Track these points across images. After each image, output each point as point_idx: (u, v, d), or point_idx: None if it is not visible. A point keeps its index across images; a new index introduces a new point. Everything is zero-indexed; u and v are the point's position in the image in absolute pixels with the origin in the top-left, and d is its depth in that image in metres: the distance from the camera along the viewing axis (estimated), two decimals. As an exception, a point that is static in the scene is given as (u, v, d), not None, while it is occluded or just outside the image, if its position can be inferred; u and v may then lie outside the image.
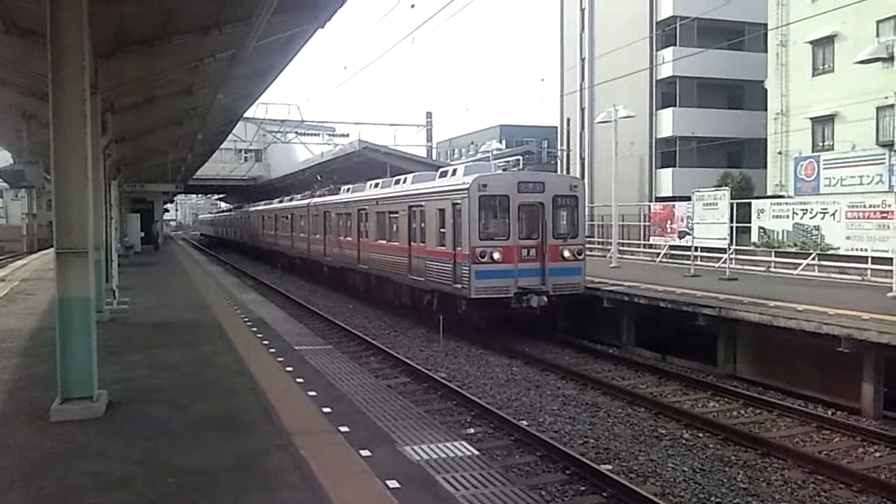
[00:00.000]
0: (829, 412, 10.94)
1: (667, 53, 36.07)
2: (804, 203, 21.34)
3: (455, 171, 17.86)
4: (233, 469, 5.64)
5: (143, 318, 13.92)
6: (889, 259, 15.89)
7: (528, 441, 9.28)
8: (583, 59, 42.06)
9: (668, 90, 36.87)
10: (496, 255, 15.47)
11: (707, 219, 19.32)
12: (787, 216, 21.12)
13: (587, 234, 23.43)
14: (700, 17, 32.59)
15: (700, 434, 9.88)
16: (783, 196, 26.65)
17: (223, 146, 41.82)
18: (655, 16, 36.85)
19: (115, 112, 15.94)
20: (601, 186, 36.20)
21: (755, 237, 22.23)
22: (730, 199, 19.04)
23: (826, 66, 27.80)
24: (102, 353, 7.73)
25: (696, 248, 20.98)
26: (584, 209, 17.13)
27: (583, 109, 41.93)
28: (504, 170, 17.83)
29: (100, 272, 13.01)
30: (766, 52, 30.61)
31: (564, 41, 44.40)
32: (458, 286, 15.86)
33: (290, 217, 34.33)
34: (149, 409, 7.39)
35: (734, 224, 20.78)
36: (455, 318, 16.23)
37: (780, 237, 21.23)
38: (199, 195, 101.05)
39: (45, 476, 5.54)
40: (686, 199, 23.37)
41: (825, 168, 26.10)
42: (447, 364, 14.20)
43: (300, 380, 8.66)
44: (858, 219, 18.66)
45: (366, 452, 5.98)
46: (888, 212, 17.53)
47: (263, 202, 45.82)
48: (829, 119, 27.51)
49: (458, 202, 16.02)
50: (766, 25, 30.16)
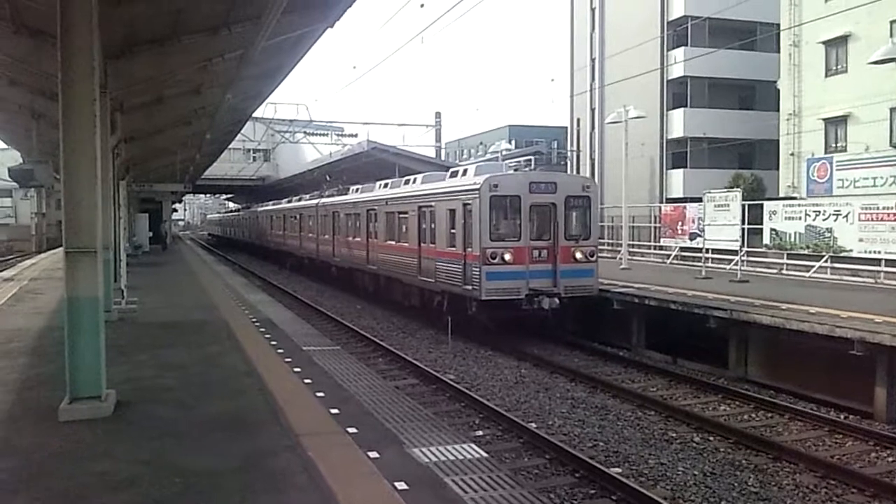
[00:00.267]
0: (842, 416, 10.83)
1: (678, 53, 35.89)
2: (817, 205, 21.20)
3: (466, 172, 17.77)
4: (240, 470, 5.62)
5: (152, 318, 13.94)
6: (902, 261, 15.76)
7: (538, 444, 9.22)
8: (593, 60, 41.92)
9: (679, 90, 36.68)
10: (507, 257, 15.32)
11: (718, 220, 19.21)
12: (800, 218, 21.00)
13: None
14: (711, 17, 32.40)
15: (711, 437, 9.79)
16: (795, 197, 26.46)
17: (232, 146, 41.93)
18: (666, 16, 36.68)
19: (125, 112, 15.98)
20: (611, 187, 36.03)
21: (767, 239, 22.11)
22: (741, 201, 18.93)
23: (839, 67, 27.59)
24: (111, 353, 7.73)
25: (707, 250, 20.87)
26: (597, 210, 16.96)
27: (593, 110, 41.79)
28: (515, 170, 17.70)
29: (108, 272, 13.05)
30: (779, 53, 30.40)
31: (575, 41, 44.27)
32: (469, 287, 15.73)
33: (299, 217, 34.34)
34: (156, 409, 7.39)
35: (746, 226, 20.68)
36: (465, 320, 16.12)
37: (793, 239, 21.11)
38: (208, 195, 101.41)
39: (53, 476, 5.53)
40: (697, 201, 23.27)
41: (838, 169, 25.83)
42: (456, 366, 14.15)
43: (308, 380, 8.63)
44: (872, 221, 18.53)
45: (374, 454, 5.94)
46: (902, 214, 17.40)
47: (272, 202, 45.91)
48: (842, 120, 27.30)
49: (469, 202, 15.89)
50: (779, 25, 29.96)
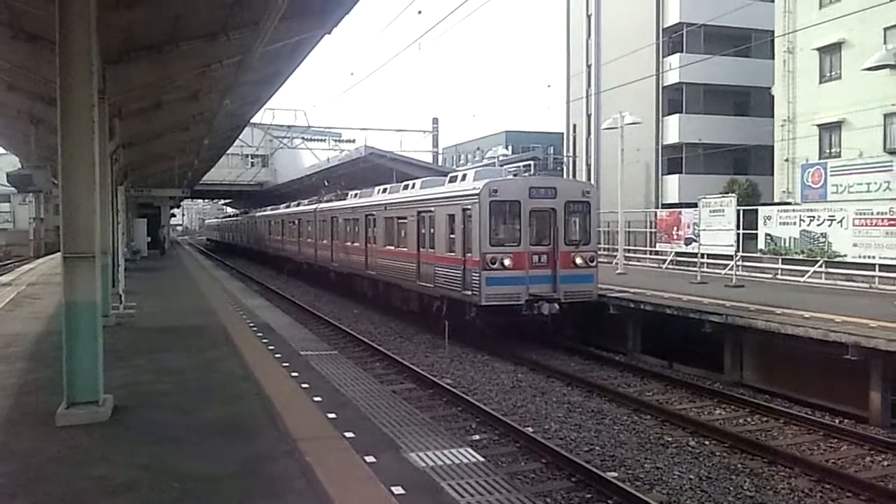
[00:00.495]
0: (837, 420, 10.87)
1: (673, 60, 36.05)
2: (811, 210, 21.27)
3: (465, 177, 17.77)
4: (238, 475, 5.64)
5: (149, 323, 13.95)
6: (897, 266, 15.83)
7: (534, 448, 9.24)
8: (589, 66, 42.05)
9: (675, 97, 36.82)
10: (507, 262, 15.27)
11: (713, 225, 19.27)
12: (794, 223, 21.07)
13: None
14: (707, 24, 32.52)
15: (706, 442, 9.83)
16: (790, 203, 26.56)
17: (230, 151, 41.96)
18: (662, 22, 36.83)
19: (123, 117, 16.01)
20: (607, 192, 36.07)
21: (762, 244, 22.17)
22: (736, 206, 19.00)
23: (833, 73, 27.73)
24: (108, 358, 7.74)
25: (703, 255, 20.93)
26: (597, 215, 16.94)
27: (589, 116, 41.91)
28: (515, 175, 17.67)
29: (106, 277, 13.05)
30: (773, 59, 30.54)
31: (571, 47, 44.42)
32: (468, 293, 15.67)
33: (297, 222, 34.32)
34: (154, 414, 7.40)
35: (741, 231, 20.75)
36: (464, 325, 16.08)
37: (787, 244, 21.17)
38: (206, 200, 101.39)
39: (51, 480, 5.55)
40: (692, 206, 23.33)
41: (832, 175, 25.99)
42: (453, 370, 14.17)
43: (305, 385, 8.66)
44: (866, 226, 18.61)
45: (371, 458, 5.97)
46: (895, 219, 17.48)
47: (270, 207, 45.90)
48: (837, 126, 27.41)
49: (469, 207, 15.84)
50: (773, 32, 30.10)
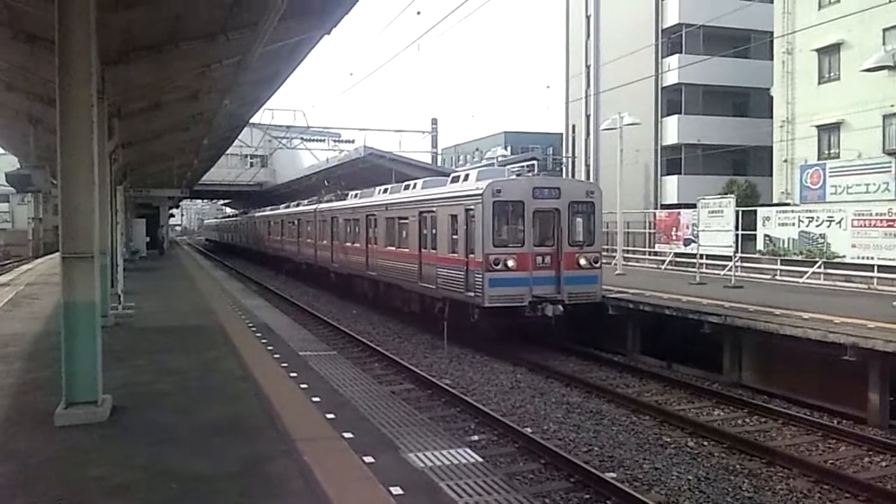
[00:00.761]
0: (835, 421, 10.88)
1: (672, 61, 36.10)
2: (810, 211, 21.31)
3: (467, 177, 17.62)
4: (236, 475, 5.64)
5: (148, 323, 13.94)
6: (895, 267, 15.84)
7: (533, 448, 9.25)
8: (588, 67, 42.10)
9: (674, 97, 36.88)
10: (510, 263, 15.10)
11: (712, 226, 19.29)
12: (793, 224, 21.11)
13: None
14: (706, 25, 32.58)
15: (705, 442, 9.84)
16: (789, 204, 26.60)
17: (229, 151, 41.92)
18: (661, 23, 36.89)
19: (122, 117, 16.01)
20: (606, 193, 35.76)
21: (761, 245, 22.20)
22: (735, 207, 19.02)
23: (832, 74, 27.77)
24: (107, 358, 7.74)
25: (702, 256, 20.94)
26: (601, 216, 16.84)
27: (588, 116, 41.96)
28: (518, 175, 17.52)
29: (105, 277, 13.04)
30: (772, 60, 30.58)
31: (570, 48, 44.47)
32: (471, 294, 15.51)
33: (297, 223, 34.23)
34: (153, 415, 7.40)
35: (739, 232, 20.77)
36: (467, 327, 15.95)
37: (786, 245, 21.21)
38: (205, 200, 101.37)
39: (49, 481, 5.54)
40: (691, 207, 23.36)
41: (831, 176, 26.06)
42: (451, 370, 14.17)
43: (304, 385, 8.66)
44: (864, 227, 18.64)
45: (369, 459, 5.97)
46: (894, 220, 17.51)
47: (269, 208, 45.88)
48: (835, 127, 27.46)
49: (472, 208, 15.66)
50: (772, 33, 30.14)
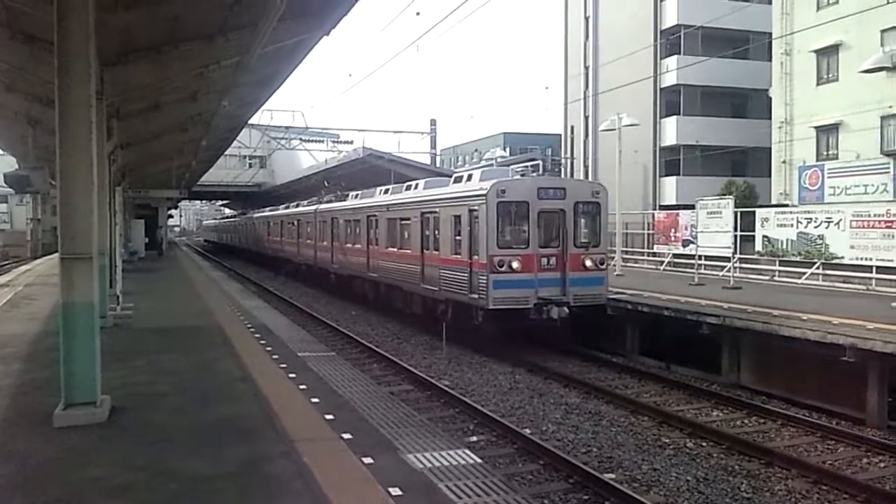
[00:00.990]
0: (834, 422, 10.88)
1: (671, 62, 36.13)
2: (808, 212, 21.34)
3: (471, 177, 17.37)
4: (235, 476, 5.64)
5: (147, 324, 13.93)
6: (893, 268, 15.86)
7: (532, 449, 9.25)
8: (587, 68, 42.13)
9: (672, 98, 36.92)
10: (515, 265, 14.82)
11: (711, 227, 19.31)
12: (792, 225, 21.13)
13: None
14: (704, 26, 32.62)
15: (704, 443, 9.84)
16: (787, 205, 26.64)
17: (228, 152, 41.97)
18: (660, 24, 36.93)
19: (121, 118, 16.03)
20: (605, 194, 36.15)
21: (759, 246, 22.23)
22: (734, 208, 19.04)
23: (830, 76, 27.82)
24: (106, 359, 7.73)
25: (700, 257, 20.96)
26: (607, 216, 16.44)
27: (587, 117, 41.99)
28: (522, 175, 17.25)
29: (104, 278, 13.05)
30: (771, 61, 30.63)
31: (569, 49, 44.50)
32: (475, 296, 15.25)
33: (297, 223, 34.11)
34: (152, 415, 7.40)
35: (738, 233, 20.79)
36: (471, 330, 15.75)
37: (785, 246, 21.23)
38: (204, 201, 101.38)
39: (48, 482, 5.54)
40: (690, 208, 23.39)
41: (829, 177, 26.11)
42: (450, 371, 14.17)
43: (303, 386, 8.65)
44: (863, 228, 18.66)
45: (368, 460, 5.97)
46: (893, 221, 17.53)
47: (268, 208, 45.81)
48: (834, 128, 27.51)
49: (476, 208, 15.41)
50: (771, 34, 30.20)
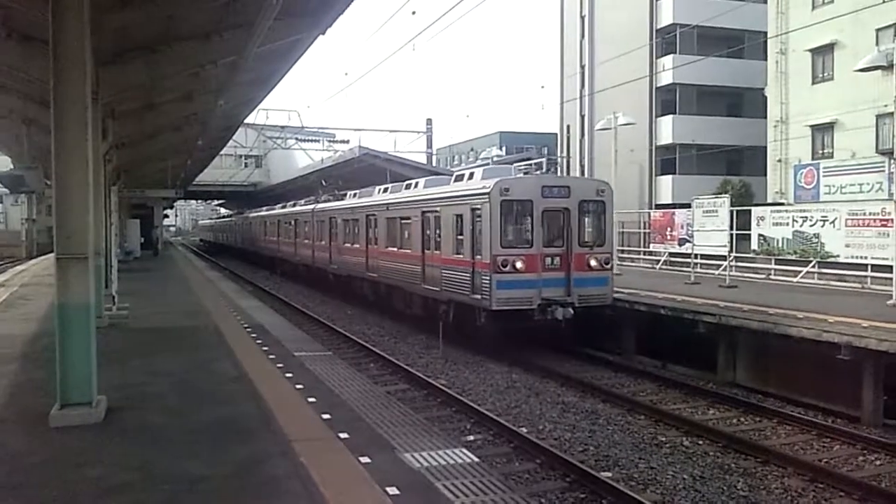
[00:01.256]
0: (829, 420, 10.92)
1: (667, 61, 36.18)
2: (804, 211, 21.38)
3: (472, 175, 17.08)
4: (232, 476, 5.63)
5: (143, 324, 13.92)
6: (889, 267, 15.88)
7: (528, 448, 9.25)
8: (583, 67, 42.16)
9: (668, 97, 36.97)
10: (519, 264, 14.51)
11: (707, 226, 19.33)
12: (787, 224, 21.17)
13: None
14: (700, 25, 32.67)
15: (700, 442, 9.86)
16: (783, 203, 26.69)
17: (223, 152, 41.92)
18: (655, 23, 36.98)
19: (116, 118, 15.98)
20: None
21: (755, 245, 22.27)
22: (729, 207, 19.06)
23: (826, 75, 27.88)
24: (101, 359, 7.71)
25: (696, 256, 20.99)
26: (612, 215, 16.20)
27: (583, 116, 42.02)
28: (526, 173, 17.00)
29: (99, 278, 13.02)
30: (766, 60, 30.69)
31: (564, 48, 44.53)
32: (478, 297, 14.97)
33: (294, 223, 33.87)
34: (148, 416, 7.39)
35: (734, 231, 20.81)
36: (473, 331, 15.53)
37: (780, 245, 21.27)
38: (199, 201, 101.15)
39: (44, 482, 5.53)
40: (686, 207, 23.42)
41: (825, 176, 26.12)
42: (447, 371, 14.17)
43: (300, 386, 8.65)
44: (858, 227, 18.71)
45: (365, 459, 5.97)
46: (888, 220, 17.55)
47: (265, 208, 45.62)
48: (829, 127, 27.57)
49: (478, 207, 15.12)
50: (766, 33, 30.24)
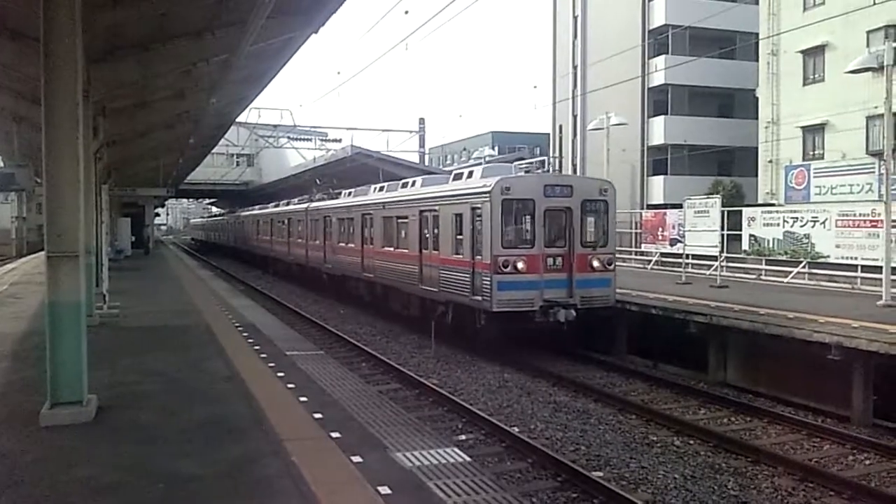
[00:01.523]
0: (819, 420, 10.97)
1: (659, 61, 36.27)
2: (794, 211, 21.49)
3: (471, 174, 16.77)
4: (224, 475, 5.62)
5: (134, 323, 13.86)
6: (878, 267, 15.98)
7: (520, 448, 9.26)
8: (575, 67, 42.22)
9: (660, 98, 37.07)
10: (520, 265, 14.20)
11: (698, 226, 19.39)
12: (778, 224, 21.28)
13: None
14: (692, 26, 32.78)
15: (691, 441, 9.89)
16: (774, 204, 26.81)
17: (215, 150, 41.77)
18: (648, 24, 37.07)
19: (107, 116, 15.93)
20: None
21: (746, 245, 22.37)
22: (721, 207, 19.13)
23: (816, 76, 28.02)
24: (92, 358, 7.68)
25: (688, 256, 21.06)
26: (615, 215, 15.96)
27: (575, 117, 42.08)
28: (527, 172, 16.63)
29: (90, 276, 12.97)
30: (758, 61, 30.82)
31: (557, 49, 44.59)
32: (478, 298, 14.63)
33: (287, 222, 33.55)
34: (139, 415, 7.36)
35: (725, 232, 20.88)
36: (473, 332, 15.27)
37: (771, 245, 21.38)
38: (191, 199, 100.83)
39: (34, 481, 5.50)
40: (677, 207, 23.48)
41: (815, 177, 26.27)
42: (439, 370, 14.17)
43: (291, 385, 8.64)
44: (848, 227, 18.81)
45: (357, 458, 5.97)
46: (878, 221, 17.66)
47: (258, 206, 45.44)
48: (820, 128, 27.71)
49: (479, 206, 14.79)
50: (758, 35, 30.37)
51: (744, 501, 7.88)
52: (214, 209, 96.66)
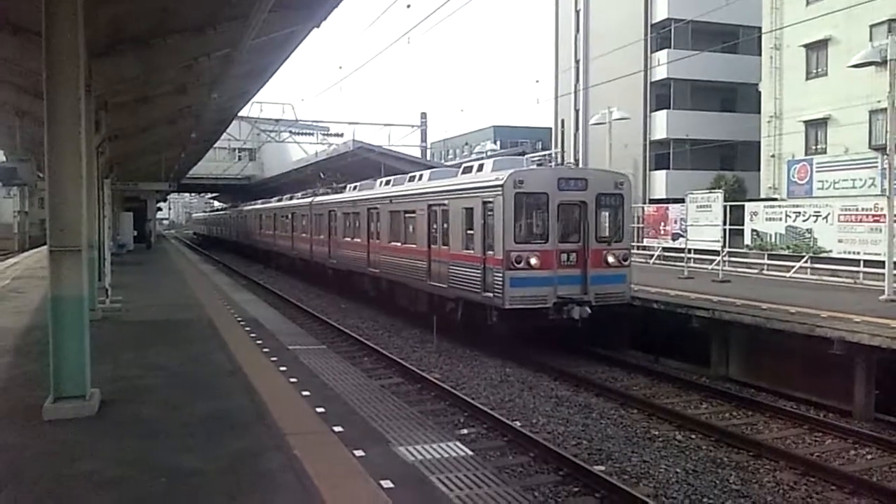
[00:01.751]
0: (821, 414, 10.98)
1: (661, 56, 36.16)
2: (797, 206, 21.45)
3: (482, 167, 16.48)
4: (226, 469, 5.64)
5: (136, 317, 13.89)
6: (881, 262, 15.96)
7: (522, 442, 9.28)
8: (577, 61, 42.12)
9: (663, 92, 36.97)
10: (533, 261, 13.86)
11: (700, 221, 19.39)
12: (780, 219, 21.24)
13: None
14: (694, 20, 32.66)
15: (693, 435, 9.90)
16: (776, 199, 26.76)
17: (217, 145, 41.85)
18: (650, 18, 36.94)
19: (109, 110, 15.93)
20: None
21: (748, 239, 22.33)
22: (723, 202, 19.10)
23: (819, 70, 27.92)
24: (95, 352, 7.70)
25: (690, 250, 21.04)
26: (630, 209, 15.44)
27: (577, 111, 41.99)
28: (540, 164, 16.23)
29: (92, 270, 12.99)
30: (760, 55, 30.72)
31: (559, 43, 44.48)
32: (489, 295, 14.26)
33: (291, 216, 33.26)
34: (141, 409, 7.38)
35: (727, 226, 20.88)
36: (484, 330, 14.93)
37: (773, 240, 21.34)
38: (193, 194, 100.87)
39: (38, 475, 5.53)
40: (680, 202, 23.47)
41: (818, 171, 26.21)
42: (441, 364, 14.19)
43: (294, 379, 8.66)
44: (851, 222, 18.77)
45: (360, 452, 5.98)
46: (880, 215, 17.63)
47: (261, 201, 45.29)
48: (823, 122, 27.62)
49: (490, 200, 14.39)
50: (761, 28, 30.27)
51: (745, 496, 7.89)
52: (216, 204, 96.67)
